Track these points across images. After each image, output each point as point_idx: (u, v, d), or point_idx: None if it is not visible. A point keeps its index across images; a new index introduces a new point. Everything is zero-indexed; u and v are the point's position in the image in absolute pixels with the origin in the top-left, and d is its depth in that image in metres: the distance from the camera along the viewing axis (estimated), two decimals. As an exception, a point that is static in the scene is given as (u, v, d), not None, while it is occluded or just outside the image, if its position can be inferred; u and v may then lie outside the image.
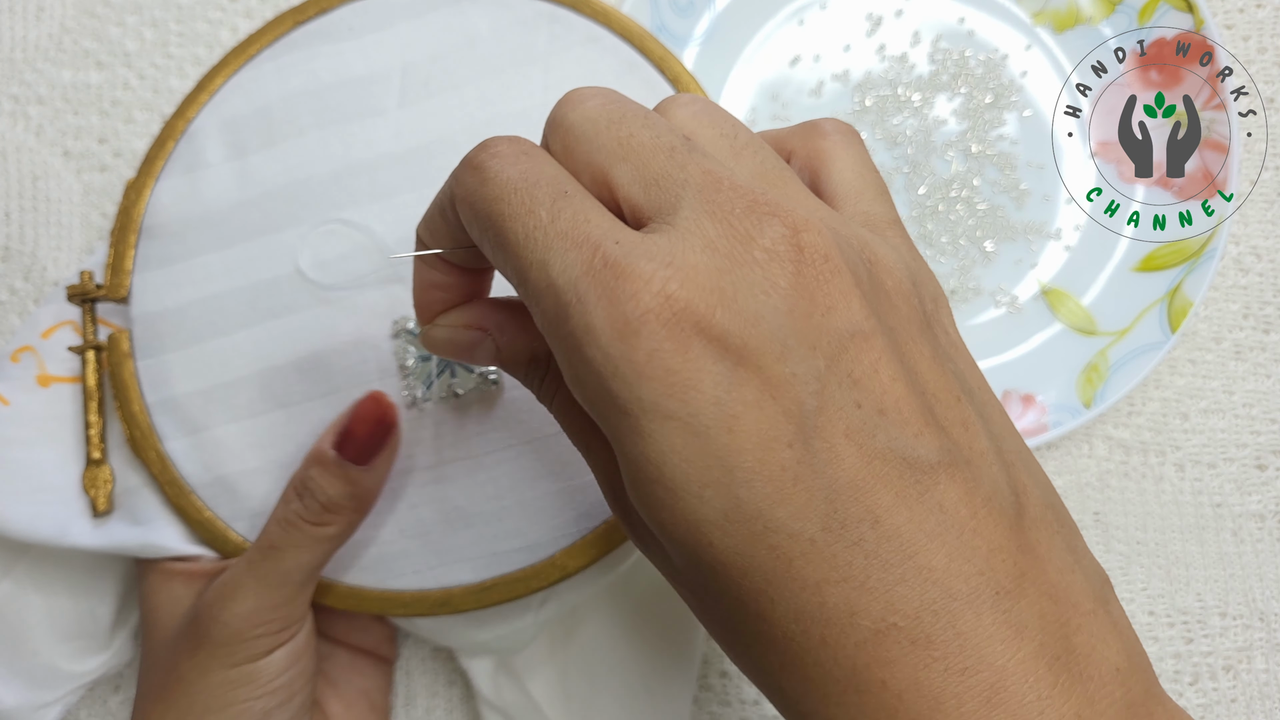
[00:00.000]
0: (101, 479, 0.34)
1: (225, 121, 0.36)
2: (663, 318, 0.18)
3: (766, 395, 0.18)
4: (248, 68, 0.36)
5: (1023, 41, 0.42)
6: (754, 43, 0.42)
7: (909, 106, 0.42)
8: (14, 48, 0.40)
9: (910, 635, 0.18)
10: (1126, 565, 0.40)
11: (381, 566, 0.33)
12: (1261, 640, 0.40)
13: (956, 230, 0.41)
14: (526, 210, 0.20)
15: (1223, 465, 0.41)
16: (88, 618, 0.36)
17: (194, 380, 0.34)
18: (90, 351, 0.35)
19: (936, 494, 0.18)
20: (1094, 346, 0.40)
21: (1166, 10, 0.40)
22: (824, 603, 0.18)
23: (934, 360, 0.20)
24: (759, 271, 0.19)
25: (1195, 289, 0.39)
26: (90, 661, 0.36)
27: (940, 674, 0.18)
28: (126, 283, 0.35)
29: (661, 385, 0.18)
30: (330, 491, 0.31)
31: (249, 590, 0.30)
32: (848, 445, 0.18)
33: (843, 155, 0.24)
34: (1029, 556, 0.19)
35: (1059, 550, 0.20)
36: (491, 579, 0.33)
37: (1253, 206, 0.42)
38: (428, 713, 0.39)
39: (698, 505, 0.18)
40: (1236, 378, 0.41)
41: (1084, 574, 0.20)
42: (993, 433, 0.20)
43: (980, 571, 0.18)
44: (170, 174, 0.35)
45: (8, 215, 0.40)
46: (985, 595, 0.18)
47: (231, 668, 0.30)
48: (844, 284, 0.19)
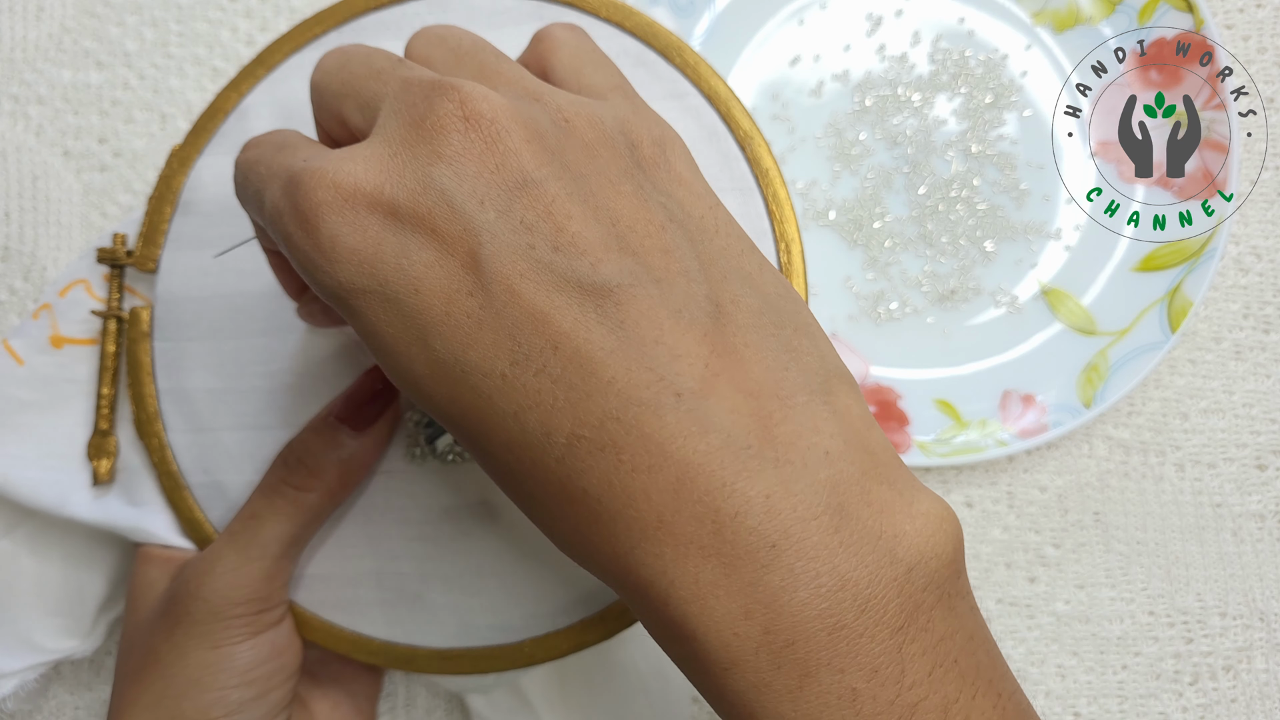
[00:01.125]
0: (106, 450, 0.34)
1: (281, 104, 0.34)
2: (334, 205, 0.21)
3: (443, 253, 0.20)
4: (310, 48, 0.34)
5: (1023, 41, 0.42)
6: (754, 43, 0.42)
7: (909, 106, 0.42)
8: (14, 48, 0.40)
9: (597, 443, 0.19)
10: (1126, 565, 0.40)
11: (354, 609, 0.33)
12: (1261, 640, 0.40)
13: (956, 230, 0.41)
14: (255, 173, 0.23)
15: (1223, 465, 0.41)
16: (76, 597, 0.35)
17: (207, 377, 0.33)
18: (112, 321, 0.34)
19: (616, 313, 0.20)
20: (1094, 346, 0.40)
21: (1166, 10, 0.40)
22: (524, 428, 0.20)
23: (635, 197, 0.22)
24: (427, 146, 0.21)
25: (1195, 289, 0.39)
26: (66, 642, 0.35)
27: (628, 474, 0.19)
28: (156, 254, 0.34)
29: (350, 265, 0.21)
30: (319, 454, 0.31)
31: (227, 562, 0.30)
32: (523, 283, 0.20)
33: (562, 46, 0.25)
34: (725, 359, 0.20)
35: (770, 350, 0.21)
36: (458, 649, 0.32)
37: (1253, 206, 0.42)
38: (428, 713, 0.39)
39: (409, 363, 0.21)
40: (1236, 378, 0.41)
41: (801, 370, 0.21)
42: (705, 255, 0.22)
43: (661, 378, 0.20)
44: (216, 150, 0.34)
45: (8, 215, 0.40)
46: (667, 398, 0.19)
47: (210, 649, 0.30)
48: (513, 142, 0.21)
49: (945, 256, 0.41)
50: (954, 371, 0.41)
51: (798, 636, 0.19)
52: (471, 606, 0.32)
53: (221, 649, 0.30)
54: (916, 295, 0.41)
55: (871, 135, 0.42)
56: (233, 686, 0.30)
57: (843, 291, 0.41)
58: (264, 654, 0.31)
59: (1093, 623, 0.40)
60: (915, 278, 0.41)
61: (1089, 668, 0.40)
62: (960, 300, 0.41)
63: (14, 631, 0.35)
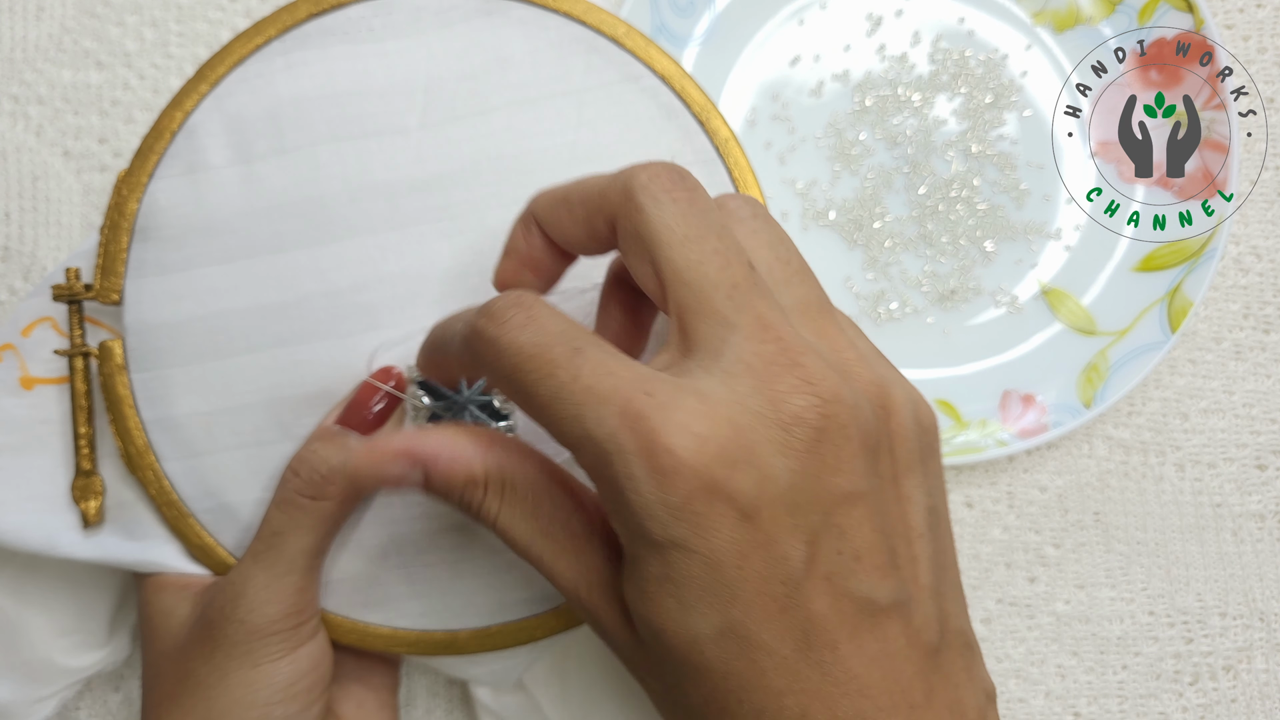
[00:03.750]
0: (92, 490, 0.33)
1: (230, 119, 0.33)
2: (696, 470, 0.21)
3: (772, 540, 0.22)
4: (254, 59, 0.33)
5: (1023, 41, 0.42)
6: (754, 43, 0.42)
7: (909, 106, 0.42)
8: (14, 48, 0.40)
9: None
10: (1126, 565, 0.40)
11: (388, 606, 0.33)
12: (1261, 640, 0.40)
13: (956, 230, 0.41)
14: (546, 374, 0.23)
15: (1223, 465, 0.41)
16: (86, 613, 0.35)
17: (195, 401, 0.32)
18: (79, 358, 0.33)
19: (882, 629, 0.23)
20: (1094, 346, 0.40)
21: (1166, 10, 0.40)
22: (783, 706, 0.22)
23: (910, 501, 0.25)
24: (781, 434, 0.22)
25: (1195, 289, 0.39)
26: (88, 657, 0.35)
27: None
28: (119, 286, 0.33)
29: (689, 527, 0.22)
30: (332, 460, 0.30)
31: (258, 583, 0.30)
32: (824, 585, 0.22)
33: (759, 244, 0.26)
34: (939, 676, 0.24)
35: (959, 669, 0.25)
36: (496, 625, 0.33)
37: (1253, 206, 0.42)
38: (428, 713, 0.39)
39: (699, 620, 0.22)
40: (1236, 378, 0.41)
41: (974, 690, 0.25)
42: (938, 564, 0.25)
43: (903, 690, 0.23)
44: (167, 172, 0.33)
45: (8, 215, 0.40)
46: (902, 708, 0.23)
47: (251, 668, 0.30)
48: (852, 450, 0.23)
49: (945, 256, 0.41)
50: (954, 371, 0.41)
51: None
52: (504, 583, 0.32)
53: (262, 667, 0.30)
54: (916, 295, 0.41)
55: (871, 135, 0.42)
56: (276, 703, 0.30)
57: (843, 291, 0.41)
58: (304, 667, 0.31)
59: (1093, 623, 0.40)
60: (915, 278, 0.41)
61: (1089, 668, 0.40)
62: (960, 300, 0.41)
63: (34, 657, 0.35)
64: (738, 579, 0.22)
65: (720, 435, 0.22)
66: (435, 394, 0.32)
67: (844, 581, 0.22)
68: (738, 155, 0.33)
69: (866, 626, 0.23)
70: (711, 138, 0.33)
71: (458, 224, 0.33)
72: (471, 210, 0.33)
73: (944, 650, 0.24)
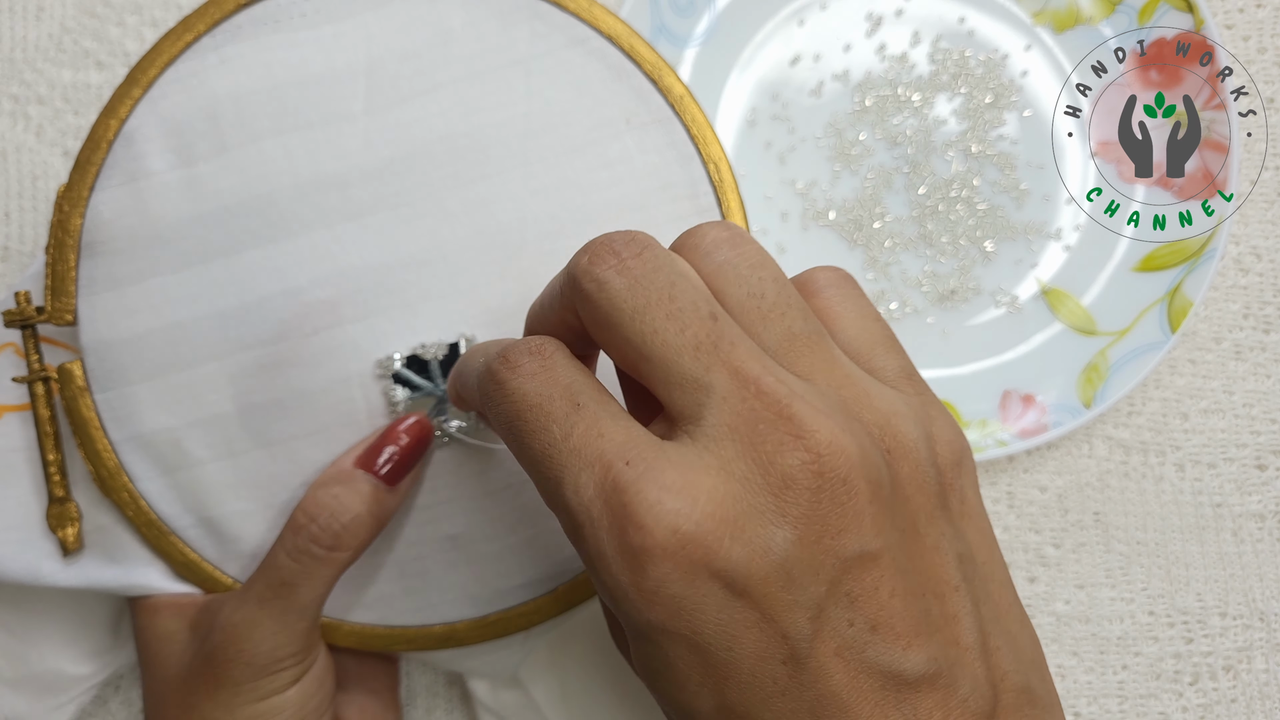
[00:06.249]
0: (68, 517, 0.32)
1: (166, 122, 0.32)
2: (670, 551, 0.19)
3: (767, 619, 0.20)
4: (186, 58, 0.32)
5: (1023, 41, 0.42)
6: (754, 43, 0.42)
7: (909, 106, 0.42)
8: (14, 48, 0.40)
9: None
10: (1126, 565, 0.40)
11: (383, 605, 0.32)
12: (1261, 640, 0.40)
13: (956, 230, 0.41)
14: (541, 427, 0.21)
15: (1223, 465, 0.41)
16: (90, 620, 0.35)
17: (164, 416, 0.31)
18: (39, 384, 0.32)
19: (913, 704, 0.20)
20: (1094, 346, 0.40)
21: (1166, 10, 0.40)
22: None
23: (938, 551, 0.22)
24: (772, 500, 0.20)
25: (1195, 289, 0.39)
26: (94, 662, 0.35)
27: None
28: (72, 305, 0.31)
29: (667, 610, 0.20)
30: (354, 509, 0.29)
31: (266, 630, 0.29)
32: (836, 662, 0.20)
33: (844, 312, 0.24)
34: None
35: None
36: (494, 614, 0.32)
37: (1253, 206, 0.42)
38: (428, 713, 0.39)
39: (693, 700, 0.20)
40: (1236, 378, 0.41)
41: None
42: (981, 617, 0.22)
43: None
44: (108, 183, 0.32)
45: (8, 215, 0.40)
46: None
47: (258, 701, 0.29)
48: (857, 505, 0.20)
49: (945, 256, 0.41)
50: (954, 371, 0.41)
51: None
52: (498, 571, 0.32)
53: (269, 699, 0.30)
54: (916, 295, 0.41)
55: (871, 135, 0.42)
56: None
57: (843, 291, 0.41)
58: (310, 689, 0.30)
59: (1093, 623, 0.40)
60: (915, 278, 0.41)
61: (1089, 668, 0.40)
62: (960, 300, 0.41)
63: (44, 668, 0.34)
64: (729, 661, 0.20)
65: (700, 509, 0.20)
66: (411, 386, 0.32)
67: (860, 655, 0.20)
68: (694, 112, 0.32)
69: (893, 703, 0.20)
70: (665, 95, 0.32)
71: (415, 209, 0.32)
72: (428, 194, 0.32)
73: (1000, 715, 0.22)
